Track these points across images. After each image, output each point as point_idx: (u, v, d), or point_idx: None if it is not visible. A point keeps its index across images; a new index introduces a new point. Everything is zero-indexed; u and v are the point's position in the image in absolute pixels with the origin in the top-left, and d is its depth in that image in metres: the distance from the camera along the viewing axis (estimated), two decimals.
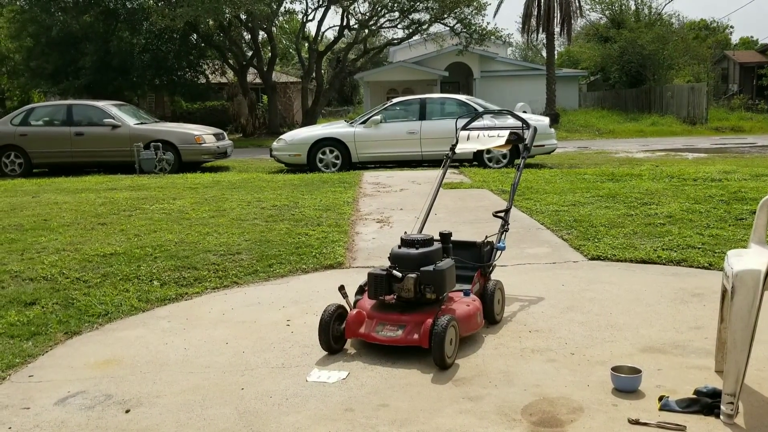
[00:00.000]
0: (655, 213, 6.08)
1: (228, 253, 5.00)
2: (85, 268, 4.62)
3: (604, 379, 2.66)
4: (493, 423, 2.35)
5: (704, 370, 2.74)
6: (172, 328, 3.49)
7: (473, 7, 24.24)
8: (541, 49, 39.78)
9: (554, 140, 12.79)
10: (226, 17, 22.91)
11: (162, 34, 24.00)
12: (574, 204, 6.76)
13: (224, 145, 13.65)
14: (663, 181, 8.20)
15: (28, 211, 7.18)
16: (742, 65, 35.67)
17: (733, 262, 2.39)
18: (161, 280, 4.34)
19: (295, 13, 29.89)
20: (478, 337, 3.18)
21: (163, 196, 8.15)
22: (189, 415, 2.49)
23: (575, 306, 3.64)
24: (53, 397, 2.68)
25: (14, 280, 4.40)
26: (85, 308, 3.79)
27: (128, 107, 14.69)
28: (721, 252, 4.58)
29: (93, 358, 3.11)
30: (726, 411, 2.30)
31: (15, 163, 13.15)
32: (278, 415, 2.47)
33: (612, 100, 31.81)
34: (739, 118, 25.91)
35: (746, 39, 49.24)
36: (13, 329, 3.45)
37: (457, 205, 7.11)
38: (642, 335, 3.17)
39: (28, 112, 13.67)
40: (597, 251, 4.80)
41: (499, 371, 2.80)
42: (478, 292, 3.31)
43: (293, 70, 38.83)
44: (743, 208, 6.10)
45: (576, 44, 39.22)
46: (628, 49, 30.86)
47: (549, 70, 26.52)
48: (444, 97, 14.10)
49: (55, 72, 23.72)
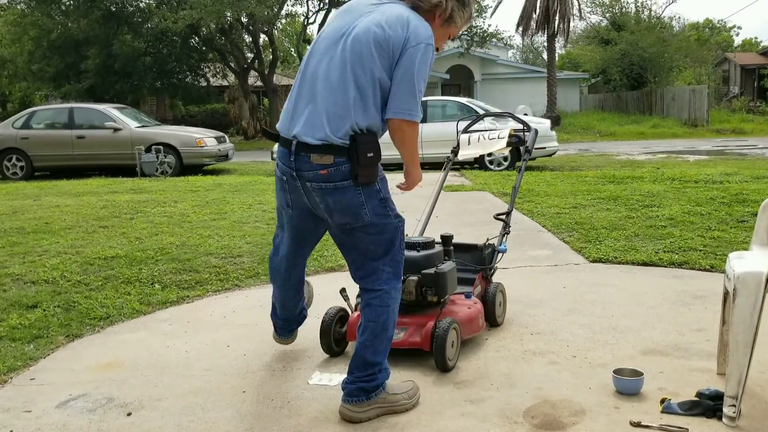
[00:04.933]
0: (657, 215, 6.08)
1: (229, 256, 5.00)
2: (86, 271, 4.62)
3: (606, 381, 2.65)
4: (495, 426, 2.35)
5: (706, 373, 2.74)
6: (174, 331, 3.49)
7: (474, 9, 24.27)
8: (542, 52, 39.83)
9: (555, 143, 12.81)
10: (227, 20, 22.96)
11: (163, 37, 24.05)
12: (575, 206, 6.76)
13: (225, 148, 13.66)
14: (664, 183, 8.20)
15: (30, 214, 7.19)
16: (743, 67, 35.67)
17: (735, 264, 2.39)
18: (163, 283, 4.34)
19: (296, 16, 29.95)
20: (479, 339, 3.18)
21: (165, 199, 8.15)
22: (190, 418, 2.49)
23: (577, 308, 3.63)
24: (55, 400, 2.68)
25: (16, 283, 4.40)
26: (86, 311, 3.79)
27: (129, 110, 14.71)
28: (722, 254, 4.58)
29: (94, 361, 3.11)
30: (728, 413, 2.29)
31: (17, 167, 13.18)
32: (280, 418, 2.46)
33: (613, 103, 31.81)
34: (741, 121, 25.90)
35: (748, 41, 49.26)
36: (14, 332, 3.45)
37: (458, 208, 7.11)
38: (644, 338, 3.17)
39: (29, 115, 13.70)
40: (598, 253, 4.79)
41: (500, 374, 2.80)
42: (479, 295, 3.31)
43: (294, 72, 38.89)
44: (745, 210, 6.09)
45: (577, 47, 39.25)
46: (629, 52, 30.86)
47: (550, 72, 26.53)
48: (445, 99, 14.11)
49: (57, 75, 23.77)
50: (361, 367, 2.44)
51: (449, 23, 2.53)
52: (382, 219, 2.42)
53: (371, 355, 2.44)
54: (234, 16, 23.04)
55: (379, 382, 2.44)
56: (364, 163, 2.31)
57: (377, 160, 2.35)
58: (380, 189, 2.40)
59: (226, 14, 21.62)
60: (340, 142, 2.31)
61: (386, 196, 2.43)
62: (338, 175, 2.33)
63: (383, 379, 2.46)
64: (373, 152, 2.33)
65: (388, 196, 2.45)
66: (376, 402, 2.43)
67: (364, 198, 2.37)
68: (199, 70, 27.25)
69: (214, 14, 20.63)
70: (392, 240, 2.46)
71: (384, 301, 2.44)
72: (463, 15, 2.55)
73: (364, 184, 2.35)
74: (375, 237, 2.44)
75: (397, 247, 2.48)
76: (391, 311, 2.46)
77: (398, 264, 2.50)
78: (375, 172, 2.36)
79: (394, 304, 2.47)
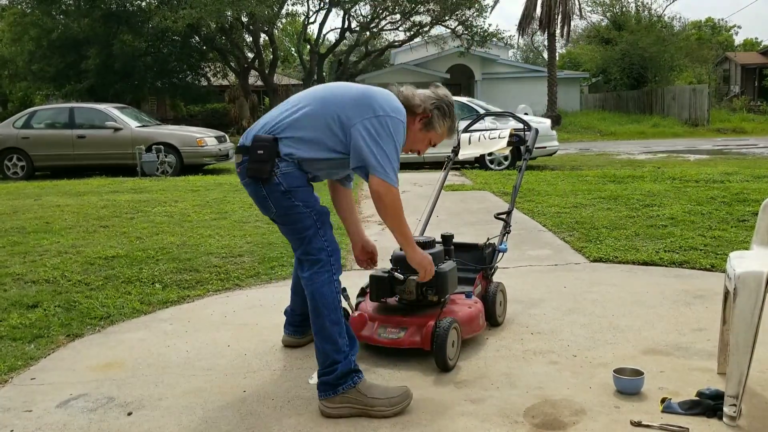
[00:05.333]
0: (657, 215, 6.08)
1: (230, 255, 5.00)
2: (87, 271, 4.62)
3: (607, 381, 2.65)
4: (496, 425, 2.35)
5: (707, 372, 2.74)
6: (174, 331, 3.49)
7: (474, 9, 24.27)
8: (542, 51, 39.81)
9: (556, 142, 12.81)
10: (227, 20, 22.97)
11: (164, 36, 24.06)
12: (575, 206, 6.76)
13: (226, 148, 13.66)
14: (665, 182, 8.20)
15: (31, 213, 7.19)
16: (743, 67, 35.65)
17: (736, 263, 2.39)
18: (163, 283, 4.34)
19: (296, 16, 29.96)
20: (480, 339, 3.18)
21: (165, 199, 8.16)
22: (191, 418, 2.49)
23: (577, 308, 3.63)
24: (55, 400, 2.68)
25: (16, 282, 4.40)
26: (87, 311, 3.79)
27: (130, 110, 14.71)
28: (723, 254, 4.58)
29: (95, 360, 3.11)
30: (728, 413, 2.29)
31: (17, 166, 13.18)
32: (280, 418, 2.47)
33: (613, 102, 31.80)
34: (741, 120, 25.90)
35: (749, 41, 49.20)
36: (15, 332, 3.46)
37: (458, 207, 7.11)
38: (644, 337, 3.17)
39: (30, 115, 13.70)
40: (599, 253, 4.79)
41: (501, 373, 2.80)
42: (479, 294, 3.31)
43: (295, 72, 38.88)
44: (745, 210, 6.09)
45: (577, 46, 39.23)
46: (630, 51, 30.84)
47: (550, 72, 26.52)
48: None
49: (57, 75, 23.78)
50: (319, 360, 2.52)
51: (428, 128, 2.71)
52: (289, 210, 2.55)
53: (320, 342, 2.51)
54: (234, 16, 23.06)
55: (340, 373, 2.47)
56: (254, 158, 2.50)
57: (266, 157, 2.48)
58: (280, 182, 2.51)
59: (227, 14, 21.65)
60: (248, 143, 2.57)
61: (288, 189, 2.52)
62: (243, 172, 2.58)
63: (344, 371, 2.48)
64: (263, 150, 2.49)
65: (293, 187, 2.52)
66: (348, 400, 2.46)
67: (266, 192, 2.54)
68: (199, 69, 27.27)
69: (214, 14, 20.65)
70: (305, 228, 2.56)
71: (309, 287, 2.55)
72: (443, 124, 2.72)
73: (252, 177, 2.52)
74: (289, 227, 2.61)
75: (311, 234, 2.56)
76: (318, 295, 2.52)
77: (318, 250, 2.56)
78: (263, 168, 2.48)
79: (321, 288, 2.53)
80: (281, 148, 2.50)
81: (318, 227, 2.57)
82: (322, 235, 2.57)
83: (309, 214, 2.55)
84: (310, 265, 2.56)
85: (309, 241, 2.56)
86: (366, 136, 2.44)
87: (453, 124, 2.78)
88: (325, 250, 2.57)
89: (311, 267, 2.55)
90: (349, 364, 2.50)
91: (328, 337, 2.50)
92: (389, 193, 2.45)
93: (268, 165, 2.48)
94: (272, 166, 2.48)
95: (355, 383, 2.48)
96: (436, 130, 2.72)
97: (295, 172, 2.52)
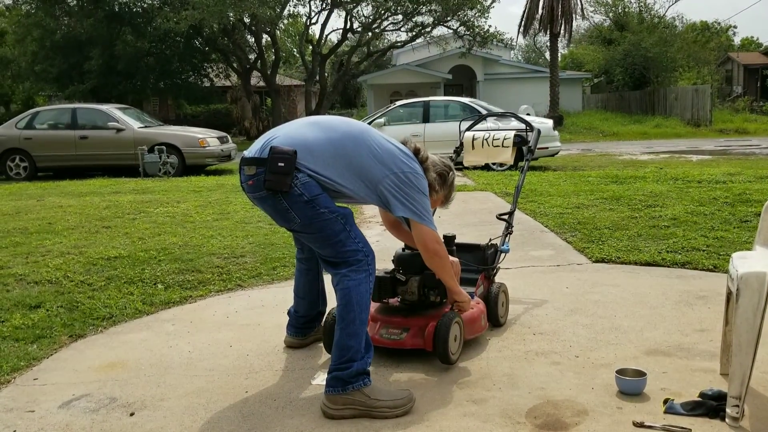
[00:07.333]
0: (660, 215, 6.07)
1: (232, 256, 5.01)
2: (89, 272, 4.63)
3: (609, 381, 2.65)
4: (498, 426, 2.35)
5: (709, 373, 2.73)
6: (177, 331, 3.49)
7: (476, 9, 24.27)
8: (544, 52, 39.80)
9: (558, 142, 12.80)
10: (230, 21, 22.99)
11: (166, 37, 24.09)
12: (578, 206, 6.75)
13: (228, 148, 13.67)
14: (667, 183, 8.19)
15: (33, 214, 7.20)
16: (746, 67, 35.63)
17: (738, 264, 2.38)
18: (165, 284, 4.35)
19: (298, 17, 29.98)
20: (482, 339, 3.18)
21: (167, 200, 8.17)
22: (193, 418, 2.49)
23: (579, 309, 3.63)
24: (58, 400, 2.69)
25: (19, 283, 4.41)
26: (89, 311, 3.80)
27: (132, 110, 14.73)
28: (725, 254, 4.57)
29: (97, 361, 3.11)
30: (731, 414, 2.29)
31: (20, 167, 13.22)
32: (282, 418, 2.47)
33: (616, 103, 31.77)
34: (744, 120, 25.85)
35: (748, 40, 49.13)
36: (17, 332, 3.46)
37: (460, 208, 7.11)
38: (647, 338, 3.16)
39: (32, 115, 13.73)
40: (601, 254, 4.79)
41: (503, 374, 2.80)
42: (482, 295, 3.31)
43: (297, 73, 38.92)
44: (748, 210, 6.08)
45: (579, 47, 39.21)
46: (632, 52, 30.81)
47: (552, 72, 26.51)
48: (447, 99, 14.11)
49: (60, 76, 23.81)
50: (336, 354, 2.51)
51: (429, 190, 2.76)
52: (314, 219, 2.52)
53: (344, 337, 2.50)
54: (236, 17, 23.07)
55: (354, 371, 2.46)
56: (273, 170, 2.46)
57: (287, 170, 2.45)
58: (302, 192, 2.48)
59: (229, 15, 21.66)
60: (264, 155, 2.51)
61: (311, 198, 2.49)
62: (258, 185, 2.52)
63: (359, 370, 2.48)
64: (284, 162, 2.45)
65: (315, 195, 2.50)
66: (352, 402, 2.45)
67: (288, 204, 2.50)
68: (201, 70, 27.29)
69: (217, 15, 20.68)
70: (336, 233, 2.55)
71: (344, 282, 2.54)
72: (442, 188, 2.88)
73: (271, 190, 2.47)
74: (316, 235, 2.57)
75: (343, 238, 2.55)
76: (355, 293, 2.52)
77: (354, 252, 2.56)
78: (284, 180, 2.45)
79: (358, 286, 2.53)
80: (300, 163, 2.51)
81: (348, 230, 2.56)
82: (353, 237, 2.57)
83: (336, 218, 2.54)
84: (347, 265, 2.55)
85: (342, 244, 2.55)
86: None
87: (452, 191, 2.95)
88: (361, 251, 2.57)
89: (348, 266, 2.55)
90: (364, 365, 2.51)
91: (354, 335, 2.50)
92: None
93: (289, 178, 2.46)
94: (292, 178, 2.47)
95: (364, 384, 2.49)
96: (437, 191, 2.86)
97: (313, 181, 2.51)
